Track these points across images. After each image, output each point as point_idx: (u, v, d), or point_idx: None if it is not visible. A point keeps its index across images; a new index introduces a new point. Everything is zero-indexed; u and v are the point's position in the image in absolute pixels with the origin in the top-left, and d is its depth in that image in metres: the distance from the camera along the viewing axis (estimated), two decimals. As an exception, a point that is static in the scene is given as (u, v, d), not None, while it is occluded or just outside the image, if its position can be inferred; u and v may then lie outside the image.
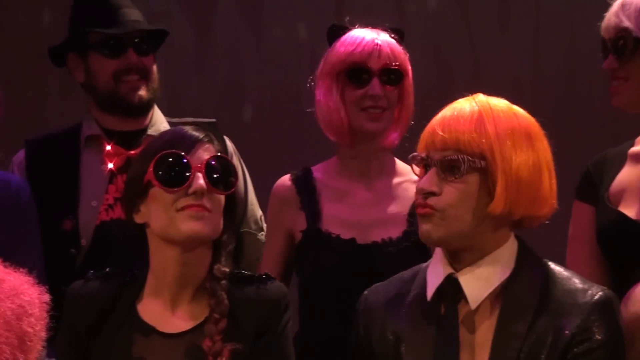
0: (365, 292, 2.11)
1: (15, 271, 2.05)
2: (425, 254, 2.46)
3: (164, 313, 2.03)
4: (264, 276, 2.08)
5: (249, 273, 2.10)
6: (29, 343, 1.98)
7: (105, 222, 2.73)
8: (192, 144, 2.02)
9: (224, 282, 2.02)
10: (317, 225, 2.62)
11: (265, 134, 4.00)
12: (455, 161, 1.93)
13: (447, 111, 1.99)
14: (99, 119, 2.81)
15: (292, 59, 3.98)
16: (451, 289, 1.97)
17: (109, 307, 2.05)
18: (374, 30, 2.66)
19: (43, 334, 2.02)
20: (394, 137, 2.67)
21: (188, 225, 1.98)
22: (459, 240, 1.96)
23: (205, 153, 2.03)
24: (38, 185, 2.69)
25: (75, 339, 2.06)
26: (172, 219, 1.99)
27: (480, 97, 2.01)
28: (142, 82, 2.78)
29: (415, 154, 2.00)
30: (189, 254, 2.02)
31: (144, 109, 2.81)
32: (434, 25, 4.07)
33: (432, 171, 1.96)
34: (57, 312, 2.05)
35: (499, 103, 2.00)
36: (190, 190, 1.98)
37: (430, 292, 1.99)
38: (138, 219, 2.05)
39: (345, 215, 2.63)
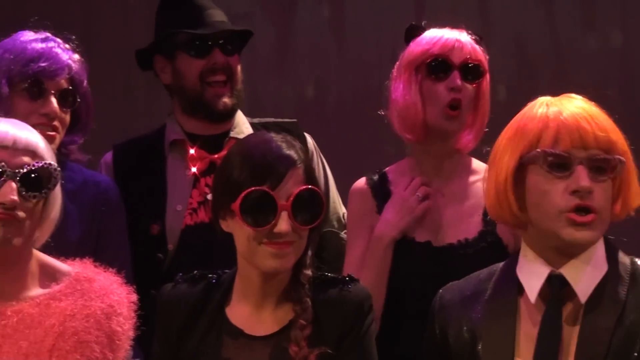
0: (441, 290, 2.10)
1: (105, 271, 2.10)
2: (502, 253, 2.46)
3: (251, 316, 2.05)
4: (347, 278, 2.07)
5: (332, 275, 2.10)
6: (117, 342, 2.02)
7: (189, 226, 2.74)
8: (281, 176, 1.97)
9: (307, 287, 2.03)
10: None
11: (346, 133, 4.00)
12: (607, 161, 1.88)
13: (570, 107, 1.91)
14: (183, 123, 2.83)
15: (372, 59, 3.97)
16: (555, 286, 1.93)
17: (198, 309, 2.06)
18: (454, 29, 2.66)
19: (131, 333, 2.06)
20: (467, 140, 2.64)
21: (269, 263, 1.98)
22: None
23: (293, 185, 1.98)
24: (126, 191, 2.71)
25: (167, 340, 2.08)
26: (253, 251, 1.99)
27: (578, 98, 1.95)
28: (226, 88, 2.79)
29: (547, 150, 1.90)
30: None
31: (228, 115, 2.81)
32: (517, 23, 4.02)
33: (582, 169, 1.88)
34: (145, 314, 2.09)
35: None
36: (275, 230, 1.97)
37: (532, 292, 1.94)
38: (224, 226, 2.05)
39: (420, 217, 2.61)
